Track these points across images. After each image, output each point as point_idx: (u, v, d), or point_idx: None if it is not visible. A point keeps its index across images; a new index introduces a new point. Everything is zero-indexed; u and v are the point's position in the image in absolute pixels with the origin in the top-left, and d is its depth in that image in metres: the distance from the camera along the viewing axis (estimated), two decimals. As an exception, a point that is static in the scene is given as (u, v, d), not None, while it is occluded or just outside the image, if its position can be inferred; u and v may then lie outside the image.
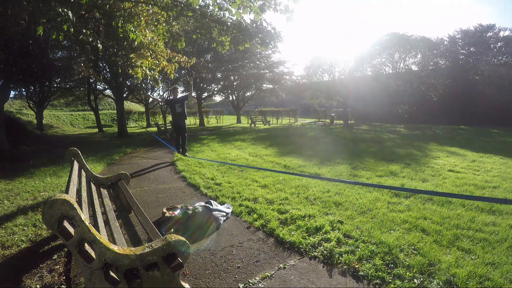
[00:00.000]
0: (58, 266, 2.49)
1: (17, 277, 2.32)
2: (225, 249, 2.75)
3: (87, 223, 1.55)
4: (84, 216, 1.61)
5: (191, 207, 3.47)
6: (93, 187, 3.27)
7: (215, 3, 4.58)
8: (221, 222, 3.30)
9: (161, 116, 28.90)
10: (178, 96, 7.64)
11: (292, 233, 2.98)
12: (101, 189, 3.39)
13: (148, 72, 5.90)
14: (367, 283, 2.20)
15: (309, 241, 2.80)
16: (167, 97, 23.80)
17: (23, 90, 20.12)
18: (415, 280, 2.19)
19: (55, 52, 12.26)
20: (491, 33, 25.92)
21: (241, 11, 4.22)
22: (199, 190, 4.68)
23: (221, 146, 10.12)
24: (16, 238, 2.97)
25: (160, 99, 7.35)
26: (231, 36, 5.28)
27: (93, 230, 1.57)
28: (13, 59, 8.26)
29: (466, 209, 3.58)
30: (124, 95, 17.42)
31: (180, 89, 25.02)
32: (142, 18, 5.36)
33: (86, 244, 1.52)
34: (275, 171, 5.38)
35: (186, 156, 7.60)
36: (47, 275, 2.35)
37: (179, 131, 7.63)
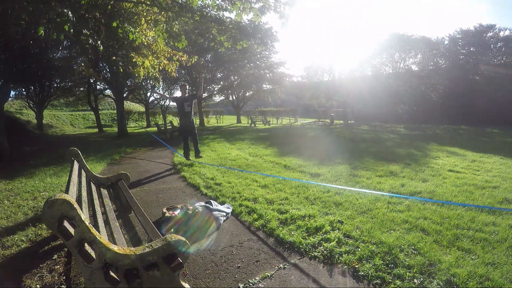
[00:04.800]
0: (58, 266, 2.49)
1: (17, 277, 2.32)
2: (225, 249, 2.75)
3: (87, 223, 1.55)
4: (84, 216, 1.61)
5: (191, 207, 3.47)
6: (93, 187, 3.28)
7: (215, 4, 4.57)
8: (221, 222, 3.30)
9: (161, 116, 28.88)
10: (186, 94, 6.84)
11: (292, 233, 2.98)
12: (101, 189, 3.39)
13: (148, 71, 5.90)
14: (367, 283, 2.20)
15: (309, 241, 2.80)
16: (173, 94, 23.38)
17: (23, 90, 20.09)
18: (415, 280, 2.19)
19: (55, 52, 12.28)
20: (491, 33, 25.89)
21: (241, 12, 4.22)
22: (199, 190, 4.68)
23: (221, 146, 10.11)
24: (16, 238, 2.97)
25: (167, 95, 6.83)
26: (229, 34, 5.27)
27: (93, 230, 1.57)
28: (13, 59, 8.26)
29: (466, 209, 3.58)
30: (124, 95, 17.41)
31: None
32: (142, 18, 5.36)
33: (86, 244, 1.52)
34: (276, 176, 5.38)
35: (201, 157, 6.94)
36: (47, 275, 2.35)
37: (189, 132, 6.83)
